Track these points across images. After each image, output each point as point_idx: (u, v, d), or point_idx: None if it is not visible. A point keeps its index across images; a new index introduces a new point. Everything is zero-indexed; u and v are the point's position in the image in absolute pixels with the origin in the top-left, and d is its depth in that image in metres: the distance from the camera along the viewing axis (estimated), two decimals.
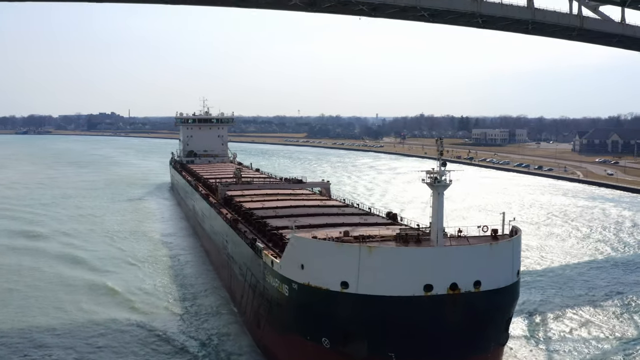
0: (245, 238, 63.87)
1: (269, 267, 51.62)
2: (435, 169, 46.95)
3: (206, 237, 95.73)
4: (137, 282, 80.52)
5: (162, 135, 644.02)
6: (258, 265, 55.59)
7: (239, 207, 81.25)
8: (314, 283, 45.04)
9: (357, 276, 43.18)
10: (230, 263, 71.58)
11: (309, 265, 45.39)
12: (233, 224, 71.28)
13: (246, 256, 61.71)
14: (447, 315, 43.57)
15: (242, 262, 64.29)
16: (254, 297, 57.79)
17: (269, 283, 52.13)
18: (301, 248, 46.37)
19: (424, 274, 43.00)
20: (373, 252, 43.00)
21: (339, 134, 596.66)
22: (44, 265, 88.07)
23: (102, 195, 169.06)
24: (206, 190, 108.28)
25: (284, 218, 69.63)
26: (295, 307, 47.48)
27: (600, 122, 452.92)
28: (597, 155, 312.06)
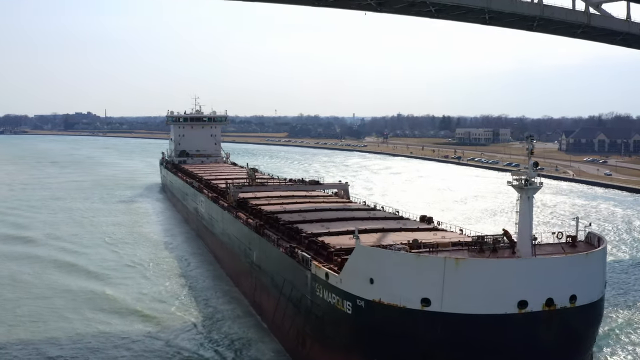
0: (279, 246, 57.55)
1: (322, 281, 45.39)
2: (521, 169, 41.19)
3: (217, 241, 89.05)
4: (146, 291, 74.50)
5: (141, 135, 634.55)
6: (303, 277, 49.29)
7: (258, 211, 74.79)
8: (388, 300, 39.03)
9: (442, 292, 37.31)
10: (256, 272, 65.09)
11: (381, 280, 39.35)
12: (259, 229, 64.82)
13: (283, 266, 55.38)
14: (541, 335, 38.25)
15: (276, 273, 57.95)
16: (297, 312, 51.47)
17: (320, 298, 45.91)
18: (370, 260, 40.28)
19: (518, 288, 37.38)
20: (460, 265, 37.12)
21: (320, 133, 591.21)
22: (46, 274, 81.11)
23: (92, 197, 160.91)
24: (213, 192, 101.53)
25: (315, 223, 63.61)
26: (361, 326, 41.37)
27: (581, 121, 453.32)
28: (583, 154, 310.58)
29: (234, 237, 76.39)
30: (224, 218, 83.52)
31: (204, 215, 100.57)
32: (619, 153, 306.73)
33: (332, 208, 74.95)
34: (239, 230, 73.42)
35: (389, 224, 61.92)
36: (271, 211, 72.22)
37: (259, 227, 65.02)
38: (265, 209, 74.61)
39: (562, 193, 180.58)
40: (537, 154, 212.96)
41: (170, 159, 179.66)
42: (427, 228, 60.95)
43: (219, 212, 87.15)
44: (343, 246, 50.81)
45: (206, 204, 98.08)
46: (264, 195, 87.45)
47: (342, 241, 53.26)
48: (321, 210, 72.47)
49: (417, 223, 64.41)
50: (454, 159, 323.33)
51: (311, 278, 47.66)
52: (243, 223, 72.23)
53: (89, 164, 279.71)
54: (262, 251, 63.26)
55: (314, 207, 75.67)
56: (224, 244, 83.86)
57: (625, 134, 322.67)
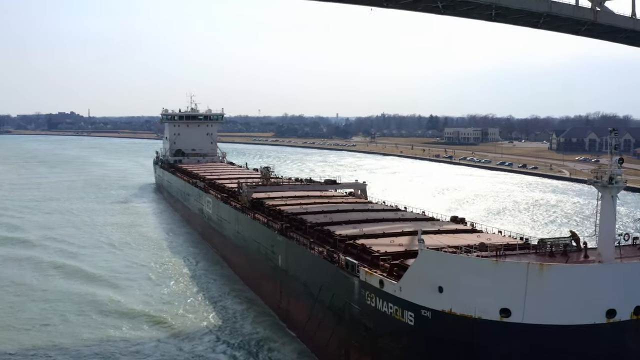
0: (313, 250, 53.52)
1: (374, 288, 41.46)
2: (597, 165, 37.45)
3: (228, 243, 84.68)
4: (154, 294, 70.61)
5: (125, 135, 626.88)
6: (348, 284, 45.26)
7: (277, 212, 70.65)
8: (460, 310, 35.21)
9: (524, 301, 33.60)
10: (282, 277, 60.88)
11: (453, 288, 35.52)
12: (284, 231, 60.66)
13: (320, 272, 51.32)
14: (629, 345, 34.87)
15: (310, 279, 53.84)
16: (338, 322, 47.41)
17: (372, 307, 41.96)
18: (439, 266, 36.38)
19: (606, 296, 33.92)
20: (545, 272, 33.38)
21: (307, 133, 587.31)
22: (48, 278, 76.46)
23: (86, 197, 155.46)
24: (220, 192, 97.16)
25: (345, 225, 59.57)
26: (425, 338, 37.51)
27: (568, 121, 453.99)
28: (574, 153, 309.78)
29: (252, 240, 72.12)
30: (238, 219, 79.25)
31: (211, 216, 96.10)
32: (608, 152, 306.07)
33: (355, 209, 70.97)
34: (259, 232, 69.19)
35: (424, 226, 58.06)
36: (293, 212, 68.11)
37: (285, 229, 60.83)
38: (285, 209, 70.45)
39: (566, 192, 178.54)
40: (528, 153, 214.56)
41: (165, 158, 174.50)
42: (465, 230, 57.39)
43: (232, 213, 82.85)
44: (387, 250, 47.06)
45: (214, 204, 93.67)
46: (279, 195, 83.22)
47: (383, 244, 49.42)
48: (346, 211, 68.52)
49: (452, 224, 60.85)
50: (446, 159, 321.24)
51: (359, 285, 43.68)
52: (263, 225, 68.04)
53: (78, 163, 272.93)
54: (289, 255, 59.14)
55: (337, 207, 71.69)
56: (237, 247, 79.53)
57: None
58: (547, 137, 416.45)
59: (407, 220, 62.79)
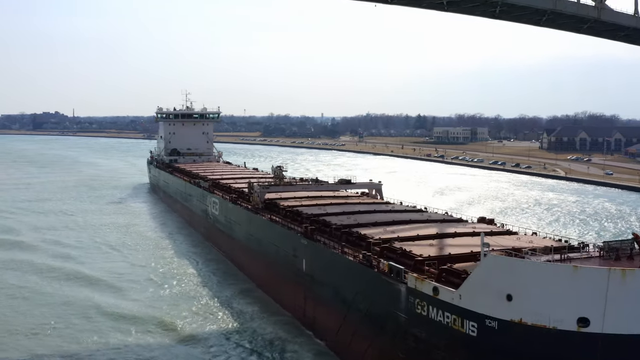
0: (345, 254, 50.65)
1: (426, 296, 38.68)
2: None
3: (238, 246, 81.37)
4: (162, 299, 67.28)
5: (111, 135, 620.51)
6: (392, 291, 42.42)
7: (296, 213, 67.55)
8: (532, 320, 32.55)
9: (604, 310, 31.05)
10: (307, 283, 57.80)
11: (523, 296, 32.85)
12: (309, 234, 57.66)
13: (355, 278, 48.40)
14: None
15: (342, 285, 50.84)
16: (379, 332, 44.53)
17: (423, 317, 39.17)
18: (507, 272, 33.68)
19: None
20: (628, 278, 30.85)
21: (295, 132, 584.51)
22: (51, 283, 72.66)
23: (80, 197, 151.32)
24: (227, 193, 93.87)
25: (373, 227, 56.70)
26: (491, 350, 34.79)
27: (556, 120, 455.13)
28: (565, 152, 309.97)
29: (268, 242, 68.98)
30: (251, 221, 76.10)
31: (217, 217, 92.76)
32: (599, 151, 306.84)
33: (377, 210, 68.16)
34: (277, 234, 66.07)
35: (458, 228, 55.58)
36: (313, 213, 65.11)
37: (310, 232, 57.83)
38: (303, 211, 67.40)
39: (565, 192, 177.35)
40: (519, 152, 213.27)
41: (159, 157, 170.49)
42: (500, 231, 54.79)
43: (243, 214, 79.67)
44: (430, 254, 44.37)
45: (221, 205, 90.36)
46: (292, 195, 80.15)
47: (421, 248, 46.67)
48: (368, 212, 65.69)
49: (483, 225, 58.32)
50: (438, 158, 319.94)
51: (407, 292, 40.88)
52: (283, 227, 64.96)
53: (67, 163, 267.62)
54: (316, 259, 56.16)
55: (357, 208, 68.80)
56: (250, 249, 76.31)
57: (606, 133, 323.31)
58: (537, 137, 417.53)
59: (435, 222, 60.10)
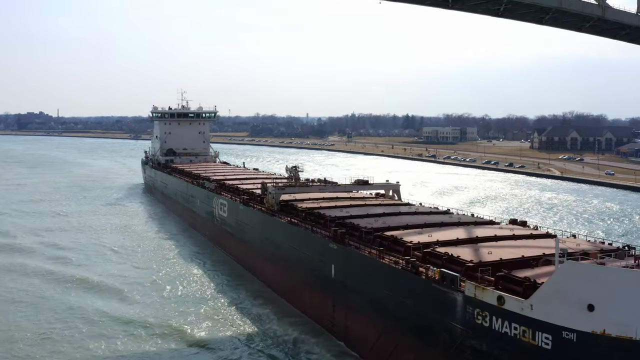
0: (385, 260, 47.92)
1: (491, 306, 36.05)
2: None
3: (252, 250, 78.08)
4: (178, 307, 63.79)
5: (97, 135, 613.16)
6: (447, 301, 39.65)
7: (318, 216, 64.69)
8: (617, 332, 30.10)
9: None
10: (337, 290, 54.82)
11: (607, 306, 30.37)
12: (340, 239, 54.78)
13: (397, 285, 45.68)
14: None
15: (381, 292, 47.95)
16: (428, 344, 41.80)
17: (485, 328, 36.52)
18: (589, 280, 31.17)
19: None
20: None
21: (283, 132, 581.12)
22: (56, 290, 69.10)
23: (75, 198, 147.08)
24: (236, 194, 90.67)
25: (406, 230, 54.03)
26: None
27: (544, 120, 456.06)
28: (556, 152, 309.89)
29: (289, 246, 65.93)
30: (266, 223, 73.09)
31: (225, 219, 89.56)
32: (590, 151, 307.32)
33: (403, 212, 65.46)
34: (300, 238, 63.02)
35: (494, 230, 53.19)
36: (338, 216, 62.25)
37: (340, 235, 54.94)
38: (326, 213, 64.56)
39: (563, 191, 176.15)
40: (510, 151, 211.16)
41: (155, 157, 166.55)
42: (540, 234, 52.53)
43: (256, 216, 76.60)
44: (482, 260, 41.78)
45: (231, 207, 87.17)
46: (308, 197, 77.20)
47: (466, 252, 44.08)
48: (395, 214, 62.99)
49: (519, 228, 56.05)
50: (430, 158, 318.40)
51: (464, 301, 38.24)
52: (306, 230, 61.95)
53: (58, 163, 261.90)
54: (348, 265, 53.26)
55: (381, 210, 66.12)
56: (265, 253, 73.19)
57: (597, 132, 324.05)
58: (525, 136, 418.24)
59: (467, 224, 57.55)
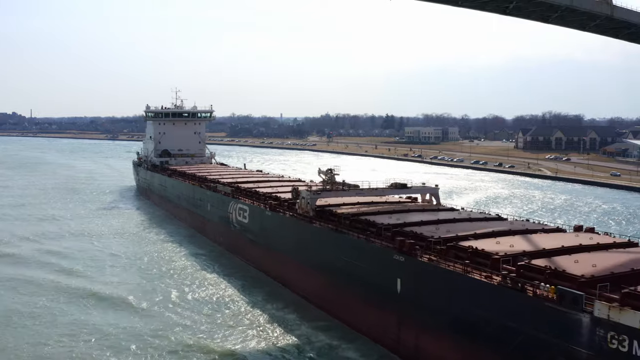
0: (470, 273, 42.42)
1: (631, 329, 30.89)
2: None
3: (284, 260, 71.15)
4: (209, 325, 57.15)
5: (72, 135, 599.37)
6: (568, 322, 34.29)
7: (368, 223, 58.78)
8: None
9: None
10: (404, 307, 48.96)
11: None
12: (408, 249, 49.10)
13: (495, 303, 40.10)
14: None
15: (472, 312, 42.27)
16: None
17: (623, 354, 31.21)
18: None
19: None
20: None
21: (262, 132, 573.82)
22: (66, 306, 61.88)
23: (66, 201, 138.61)
24: (258, 199, 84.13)
25: (477, 240, 48.61)
26: None
27: (524, 120, 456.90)
28: (541, 152, 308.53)
29: (335, 257, 59.45)
30: (303, 231, 66.75)
31: (247, 226, 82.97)
32: (574, 150, 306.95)
33: (458, 218, 60.03)
34: (353, 248, 56.75)
35: (571, 239, 48.25)
36: (391, 223, 56.54)
37: (409, 247, 49.20)
38: (376, 220, 58.80)
39: (560, 191, 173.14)
40: (495, 151, 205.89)
41: (148, 159, 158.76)
42: (623, 243, 47.85)
43: (288, 223, 70.31)
44: (594, 274, 36.71)
45: (254, 212, 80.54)
46: (342, 201, 71.20)
47: (570, 265, 38.94)
48: (452, 222, 57.61)
49: (594, 235, 51.23)
50: (416, 158, 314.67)
51: (592, 323, 32.92)
52: (361, 239, 55.91)
53: (40, 164, 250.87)
54: (421, 280, 47.43)
55: (433, 217, 60.60)
56: (303, 265, 66.54)
57: (581, 132, 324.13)
58: (507, 136, 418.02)
59: (536, 232, 52.60)
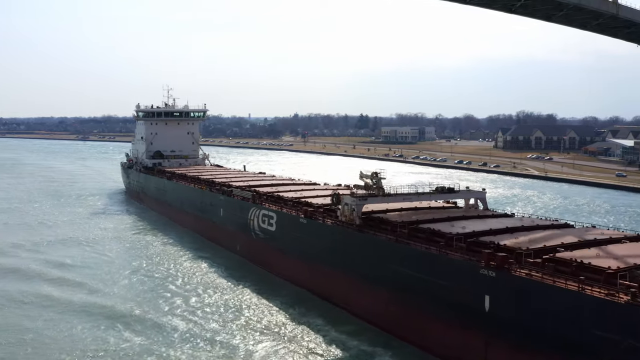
0: (586, 290, 37.33)
1: None
2: None
3: (329, 274, 64.26)
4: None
5: (41, 136, 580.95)
6: None
7: (431, 233, 53.33)
8: None
9: None
10: (498, 326, 43.55)
11: None
12: (499, 264, 43.59)
13: (631, 327, 35.08)
14: None
15: (577, 331, 37.31)
16: None
17: None
18: None
19: None
20: None
21: (236, 132, 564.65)
22: (82, 326, 55.11)
23: (56, 206, 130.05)
24: (287, 205, 77.51)
25: (574, 251, 43.73)
26: None
27: (499, 120, 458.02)
28: (521, 151, 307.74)
29: (402, 272, 52.98)
30: (353, 241, 60.55)
31: (273, 234, 76.37)
32: (554, 150, 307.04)
33: (525, 225, 54.91)
34: (427, 262, 50.67)
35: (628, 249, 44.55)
36: (459, 233, 51.14)
37: (501, 261, 43.67)
38: (440, 229, 53.34)
39: (558, 191, 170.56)
40: (475, 151, 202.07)
41: (140, 160, 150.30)
42: None
43: (331, 231, 64.09)
44: None
45: (283, 219, 73.81)
46: (388, 207, 65.43)
47: None
48: (521, 230, 52.65)
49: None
50: (397, 158, 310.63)
51: None
52: (434, 252, 49.98)
53: (16, 166, 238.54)
54: (520, 298, 41.87)
55: (502, 224, 55.36)
56: (353, 278, 59.73)
57: (560, 132, 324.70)
58: (483, 136, 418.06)
59: (623, 240, 48.09)
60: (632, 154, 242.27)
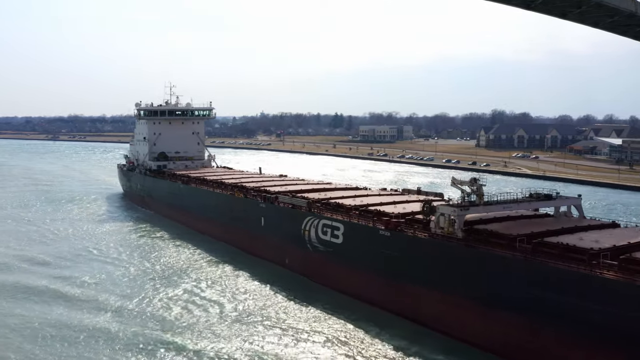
0: None
1: None
2: None
3: (429, 296, 55.66)
4: None
5: (9, 136, 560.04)
6: None
7: (563, 249, 45.95)
8: None
9: None
10: None
11: None
12: None
13: None
14: None
15: None
16: None
17: None
18: None
19: None
20: None
21: (209, 132, 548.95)
22: None
23: (56, 212, 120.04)
24: (354, 215, 68.57)
25: None
26: None
27: (473, 119, 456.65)
28: (504, 150, 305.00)
29: (536, 295, 45.45)
30: (461, 259, 52.51)
31: (339, 247, 67.34)
32: (536, 148, 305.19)
33: None
34: (572, 285, 42.90)
35: None
36: (594, 248, 44.45)
37: None
38: (577, 244, 45.97)
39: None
40: (459, 150, 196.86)
41: (142, 162, 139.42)
42: None
43: (428, 247, 56.07)
44: None
45: (355, 231, 64.77)
46: (489, 217, 57.77)
47: None
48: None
49: None
50: (382, 157, 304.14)
51: None
52: (591, 274, 42.36)
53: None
54: None
55: (629, 235, 48.72)
56: (467, 302, 51.51)
57: (542, 130, 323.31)
58: (460, 134, 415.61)
59: None
60: (620, 152, 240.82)
